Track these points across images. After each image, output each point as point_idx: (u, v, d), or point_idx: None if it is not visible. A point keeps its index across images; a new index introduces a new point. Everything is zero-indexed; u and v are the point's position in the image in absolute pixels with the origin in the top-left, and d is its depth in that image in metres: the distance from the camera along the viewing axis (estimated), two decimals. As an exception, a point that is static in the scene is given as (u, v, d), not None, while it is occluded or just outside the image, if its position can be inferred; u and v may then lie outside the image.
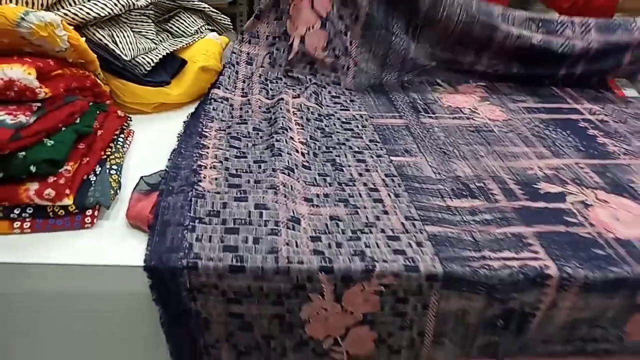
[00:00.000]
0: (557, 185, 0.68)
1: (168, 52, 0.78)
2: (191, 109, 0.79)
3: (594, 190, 0.68)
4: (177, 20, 0.84)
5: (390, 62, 0.94)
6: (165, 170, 0.62)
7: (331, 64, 0.91)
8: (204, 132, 0.70)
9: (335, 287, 0.52)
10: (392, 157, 0.72)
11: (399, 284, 0.53)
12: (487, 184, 0.67)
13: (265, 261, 0.51)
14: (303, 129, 0.76)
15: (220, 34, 0.88)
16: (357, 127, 0.79)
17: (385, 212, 0.60)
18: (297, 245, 0.53)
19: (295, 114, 0.79)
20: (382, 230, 0.57)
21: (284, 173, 0.62)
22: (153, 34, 0.80)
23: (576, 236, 0.59)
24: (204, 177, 0.60)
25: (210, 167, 0.63)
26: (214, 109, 0.77)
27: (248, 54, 0.91)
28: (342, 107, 0.85)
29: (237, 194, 0.58)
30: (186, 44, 0.82)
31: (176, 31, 0.84)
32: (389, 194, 0.63)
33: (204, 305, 0.53)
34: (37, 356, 0.59)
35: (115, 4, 0.70)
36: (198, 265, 0.50)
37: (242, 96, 0.82)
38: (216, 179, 0.61)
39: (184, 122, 0.75)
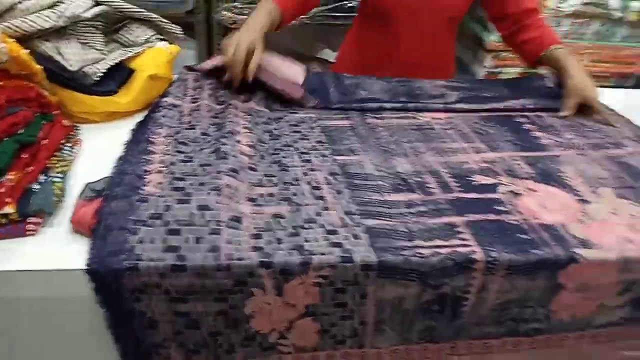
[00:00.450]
0: (491, 177, 0.72)
1: (116, 62, 0.80)
2: (141, 117, 0.80)
3: (525, 180, 0.72)
4: (127, 30, 0.85)
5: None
6: (110, 176, 0.64)
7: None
8: (151, 139, 0.72)
9: (276, 281, 0.55)
10: (336, 157, 0.75)
11: (336, 275, 0.55)
12: (425, 178, 0.71)
13: (205, 259, 0.53)
14: (251, 132, 0.78)
15: (171, 43, 0.90)
16: (305, 129, 0.82)
17: (326, 209, 0.63)
18: (238, 243, 0.55)
19: (245, 117, 0.81)
20: (322, 226, 0.60)
21: (228, 175, 0.65)
22: (102, 44, 0.81)
23: (504, 223, 0.63)
24: (149, 182, 0.62)
25: (156, 172, 0.64)
26: (162, 116, 0.78)
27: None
28: (292, 111, 0.88)
29: (180, 196, 0.60)
30: (135, 53, 0.83)
31: (125, 41, 0.85)
32: (330, 192, 0.66)
33: (148, 305, 0.54)
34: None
35: (60, 17, 0.71)
36: (139, 266, 0.52)
37: (191, 102, 0.84)
38: (160, 182, 0.62)
39: (132, 130, 0.76)
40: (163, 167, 0.66)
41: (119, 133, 0.75)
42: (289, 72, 0.91)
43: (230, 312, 0.56)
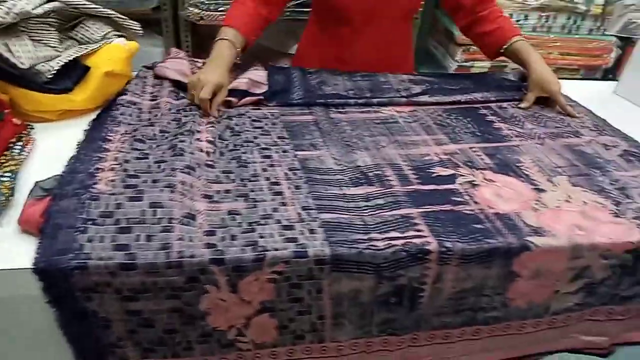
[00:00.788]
0: (450, 168, 0.73)
1: (71, 59, 0.78)
2: (95, 114, 0.79)
3: (483, 171, 0.73)
4: (82, 27, 0.83)
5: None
6: (61, 174, 0.62)
7: None
8: (108, 137, 0.71)
9: (229, 277, 0.54)
10: (297, 152, 0.74)
11: (291, 270, 0.55)
12: (385, 171, 0.71)
13: (156, 257, 0.52)
14: (212, 128, 0.77)
15: (129, 40, 0.89)
16: (267, 124, 0.82)
17: (284, 204, 0.63)
18: (190, 240, 0.55)
19: (206, 114, 0.80)
20: (278, 221, 0.59)
21: (183, 172, 0.64)
22: (56, 41, 0.79)
23: (460, 214, 0.63)
24: (100, 180, 0.61)
25: (108, 170, 0.63)
26: (121, 114, 0.77)
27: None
28: (254, 107, 0.87)
29: (132, 194, 0.60)
30: (91, 50, 0.81)
31: (81, 38, 0.83)
32: (289, 187, 0.66)
33: (100, 304, 0.53)
34: None
35: (7, 13, 0.69)
36: (88, 265, 0.51)
37: (151, 100, 0.83)
38: (112, 180, 0.61)
39: (86, 128, 0.75)
40: (116, 164, 0.65)
41: (75, 132, 0.73)
42: (252, 75, 0.91)
43: (185, 309, 0.56)
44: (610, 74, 1.95)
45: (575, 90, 1.03)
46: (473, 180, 0.70)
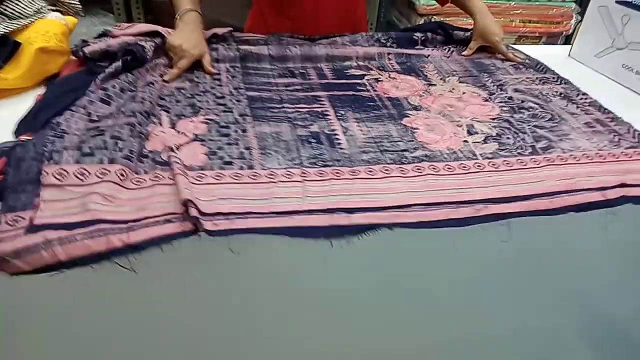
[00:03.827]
0: (363, 70, 0.90)
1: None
2: (33, 94, 0.74)
3: (390, 72, 0.90)
4: (12, 1, 0.78)
5: None
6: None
7: None
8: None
9: (170, 119, 0.69)
10: (240, 46, 0.90)
11: (220, 119, 0.70)
12: (308, 70, 0.88)
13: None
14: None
15: (65, 15, 0.84)
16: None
17: (220, 85, 0.80)
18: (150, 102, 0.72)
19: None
20: (214, 94, 0.77)
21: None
22: (-18, 16, 0.73)
23: (359, 97, 0.80)
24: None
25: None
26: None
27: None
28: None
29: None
30: (22, 25, 0.77)
31: (12, 13, 0.78)
32: (227, 77, 0.83)
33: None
34: None
35: None
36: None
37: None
38: None
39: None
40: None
41: (9, 112, 0.68)
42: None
43: (136, 126, 0.64)
44: (571, 40, 2.08)
45: (531, 53, 1.06)
46: (378, 78, 0.88)
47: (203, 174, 0.60)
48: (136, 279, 0.46)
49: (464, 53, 1.01)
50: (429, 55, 0.98)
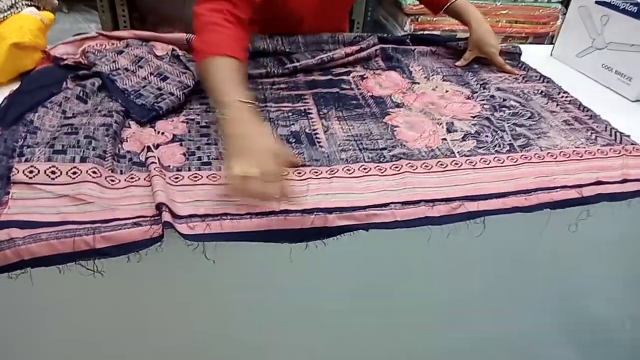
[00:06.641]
0: (349, 67, 0.90)
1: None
2: (7, 89, 0.73)
3: (375, 70, 0.90)
4: None
5: None
6: None
7: None
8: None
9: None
10: None
11: (201, 118, 0.71)
12: (295, 66, 0.87)
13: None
14: None
15: (41, 10, 0.83)
16: None
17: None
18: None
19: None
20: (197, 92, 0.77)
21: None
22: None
23: (342, 95, 0.81)
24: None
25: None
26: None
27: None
28: None
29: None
30: None
31: None
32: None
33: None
34: None
35: None
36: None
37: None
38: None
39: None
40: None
41: None
42: None
43: (113, 126, 0.64)
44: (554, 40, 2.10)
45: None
46: (364, 75, 0.88)
47: (180, 174, 0.60)
48: (102, 282, 0.46)
49: (457, 64, 0.97)
50: (415, 49, 0.97)
